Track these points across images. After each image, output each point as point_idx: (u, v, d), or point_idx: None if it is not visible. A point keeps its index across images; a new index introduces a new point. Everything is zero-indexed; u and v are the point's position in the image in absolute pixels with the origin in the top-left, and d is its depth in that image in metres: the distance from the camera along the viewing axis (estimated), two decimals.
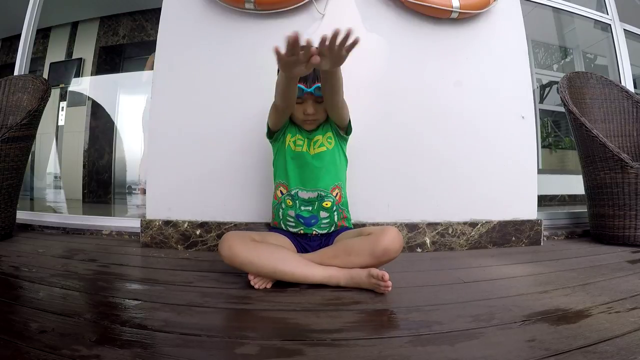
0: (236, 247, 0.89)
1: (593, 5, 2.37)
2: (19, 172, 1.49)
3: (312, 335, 0.62)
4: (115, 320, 0.67)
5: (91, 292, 0.86)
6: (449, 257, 1.29)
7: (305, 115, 1.03)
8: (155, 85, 1.44)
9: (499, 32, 1.52)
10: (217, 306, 0.78)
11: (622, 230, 1.46)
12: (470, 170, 1.46)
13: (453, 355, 0.55)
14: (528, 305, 0.77)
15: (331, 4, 1.43)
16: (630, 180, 1.43)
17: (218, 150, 1.41)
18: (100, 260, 1.16)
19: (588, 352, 0.54)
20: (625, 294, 0.83)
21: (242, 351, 0.56)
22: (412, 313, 0.74)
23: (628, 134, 1.74)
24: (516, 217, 1.47)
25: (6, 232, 1.46)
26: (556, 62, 3.49)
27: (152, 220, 1.39)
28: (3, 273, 0.97)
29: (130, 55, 3.73)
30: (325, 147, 1.06)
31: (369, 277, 0.86)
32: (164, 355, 0.54)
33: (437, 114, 1.46)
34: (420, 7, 1.41)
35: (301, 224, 1.06)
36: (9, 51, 3.88)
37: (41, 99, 1.54)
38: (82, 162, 3.43)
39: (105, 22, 3.65)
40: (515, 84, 1.52)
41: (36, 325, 0.63)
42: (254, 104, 1.39)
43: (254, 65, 1.41)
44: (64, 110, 3.49)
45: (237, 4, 1.36)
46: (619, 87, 1.78)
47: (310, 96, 1.02)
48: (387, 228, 0.92)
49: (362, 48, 1.43)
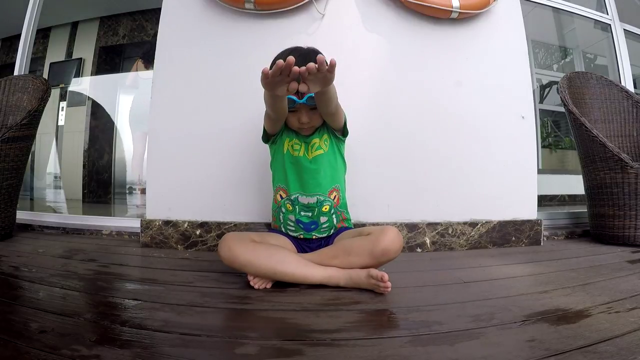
0: (236, 248, 0.89)
1: (593, 5, 2.37)
2: (19, 172, 1.49)
3: (312, 335, 0.62)
4: (115, 320, 0.67)
5: (91, 292, 0.86)
6: (448, 257, 1.29)
7: (300, 124, 1.01)
8: (155, 85, 1.44)
9: (499, 32, 1.53)
10: (217, 306, 0.78)
11: (622, 230, 1.46)
12: (470, 170, 1.46)
13: (453, 355, 0.55)
14: (528, 305, 0.77)
15: (331, 4, 1.43)
16: (630, 180, 1.43)
17: (218, 150, 1.41)
18: (100, 260, 1.16)
19: (588, 352, 0.54)
20: (625, 294, 0.83)
21: (242, 351, 0.56)
22: (412, 313, 0.74)
23: (628, 134, 1.74)
24: (516, 217, 1.47)
25: (6, 232, 1.46)
26: (556, 62, 3.49)
27: (152, 220, 1.39)
28: (3, 273, 0.97)
29: (130, 55, 3.73)
30: (322, 149, 1.05)
31: (369, 278, 0.86)
32: (164, 355, 0.54)
33: (437, 114, 1.46)
34: (420, 7, 1.41)
35: (301, 229, 1.06)
36: (9, 51, 3.89)
37: (41, 99, 1.54)
38: (82, 162, 3.44)
39: (105, 22, 3.65)
40: (515, 84, 1.52)
41: (36, 325, 0.63)
42: (254, 103, 1.38)
43: (254, 65, 1.39)
44: (64, 110, 3.49)
45: (237, 3, 1.36)
46: (619, 87, 1.78)
47: (304, 106, 0.99)
48: (387, 228, 0.92)
49: (362, 48, 1.45)
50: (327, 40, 1.40)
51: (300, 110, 1.00)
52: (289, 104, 0.97)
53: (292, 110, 1.01)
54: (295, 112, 1.01)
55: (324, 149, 1.05)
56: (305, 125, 1.02)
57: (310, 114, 1.01)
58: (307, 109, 1.00)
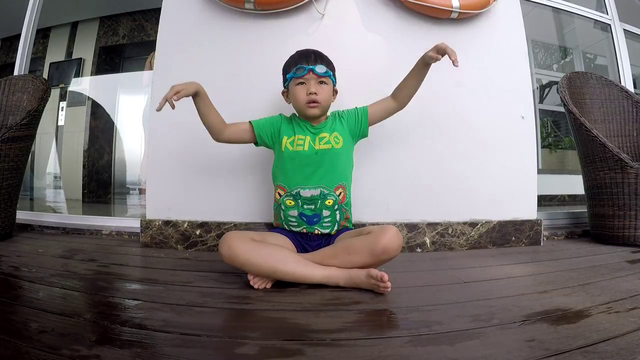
0: (236, 246, 0.89)
1: (593, 5, 2.37)
2: (19, 172, 1.49)
3: (312, 335, 0.62)
4: (115, 320, 0.67)
5: (91, 292, 0.86)
6: (448, 257, 1.29)
7: (308, 95, 1.03)
8: (155, 85, 1.44)
9: (499, 32, 1.52)
10: (217, 306, 0.78)
11: (622, 230, 1.46)
12: (470, 170, 1.46)
13: (453, 355, 0.55)
14: (528, 305, 0.77)
15: (331, 4, 1.43)
16: (630, 180, 1.43)
17: (218, 150, 1.41)
18: (100, 260, 1.16)
19: (588, 352, 0.54)
20: (625, 294, 0.83)
21: (242, 351, 0.56)
22: (411, 313, 0.74)
23: (628, 134, 1.74)
24: (516, 217, 1.47)
25: (6, 232, 1.46)
26: (556, 62, 3.49)
27: (152, 220, 1.39)
28: (3, 273, 0.97)
29: (130, 55, 3.73)
30: (332, 145, 1.06)
31: (368, 278, 0.86)
32: (164, 355, 0.54)
33: (437, 114, 1.46)
34: (420, 7, 1.41)
35: (303, 223, 1.06)
36: (9, 51, 3.88)
37: (41, 99, 1.54)
38: (82, 162, 3.43)
39: (105, 22, 3.65)
40: (515, 84, 1.52)
41: (36, 325, 0.63)
42: (254, 103, 1.39)
43: (253, 65, 1.41)
44: (64, 110, 3.49)
45: (237, 4, 1.36)
46: (618, 87, 1.78)
47: (313, 75, 1.03)
48: (387, 227, 0.92)
49: (362, 48, 1.45)
50: (327, 40, 1.40)
51: (309, 81, 1.04)
52: (298, 73, 1.03)
53: (301, 83, 1.04)
54: (303, 84, 1.04)
55: (334, 145, 1.06)
56: (314, 96, 1.03)
57: (318, 86, 1.04)
58: (315, 80, 1.04)
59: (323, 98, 1.05)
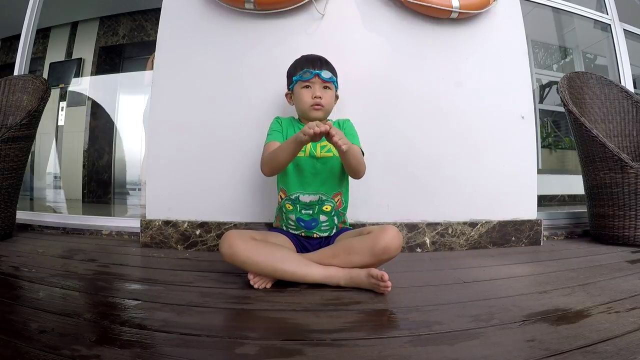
0: (237, 245, 0.89)
1: (593, 5, 2.37)
2: (19, 172, 1.49)
3: (312, 335, 0.62)
4: (115, 320, 0.67)
5: (91, 292, 0.86)
6: (448, 257, 1.29)
7: (314, 98, 1.06)
8: (155, 85, 1.44)
9: (498, 32, 1.53)
10: (217, 306, 0.78)
11: (622, 230, 1.46)
12: (470, 170, 1.46)
13: (453, 355, 0.55)
14: (528, 305, 0.77)
15: (331, 4, 1.43)
16: (630, 180, 1.43)
17: (218, 151, 1.41)
18: (100, 260, 1.16)
19: (588, 352, 0.54)
20: (625, 294, 0.83)
21: (242, 351, 0.56)
22: (411, 313, 0.74)
23: (628, 134, 1.74)
24: (516, 217, 1.47)
25: (6, 232, 1.46)
26: (556, 62, 3.49)
27: (151, 220, 1.39)
28: (3, 273, 0.97)
29: (130, 55, 3.73)
30: (333, 153, 1.06)
31: (369, 277, 0.86)
32: (164, 355, 0.54)
33: (437, 114, 1.46)
34: (420, 7, 1.41)
35: (302, 227, 1.06)
36: (9, 51, 3.88)
37: (41, 99, 1.54)
38: (82, 162, 3.43)
39: (105, 22, 3.65)
40: (515, 84, 1.52)
41: (36, 325, 0.63)
42: (254, 103, 1.39)
43: (253, 65, 1.41)
44: (64, 110, 3.49)
45: (237, 4, 1.36)
46: (618, 87, 1.78)
47: (319, 79, 1.06)
48: (387, 226, 0.92)
49: (362, 48, 1.45)
50: (326, 40, 1.40)
51: (315, 85, 1.07)
52: (305, 76, 1.06)
53: (307, 86, 1.07)
54: (309, 87, 1.07)
55: (334, 153, 1.05)
56: (318, 100, 1.06)
57: (323, 91, 1.08)
58: (320, 84, 1.08)
59: (327, 102, 1.09)
